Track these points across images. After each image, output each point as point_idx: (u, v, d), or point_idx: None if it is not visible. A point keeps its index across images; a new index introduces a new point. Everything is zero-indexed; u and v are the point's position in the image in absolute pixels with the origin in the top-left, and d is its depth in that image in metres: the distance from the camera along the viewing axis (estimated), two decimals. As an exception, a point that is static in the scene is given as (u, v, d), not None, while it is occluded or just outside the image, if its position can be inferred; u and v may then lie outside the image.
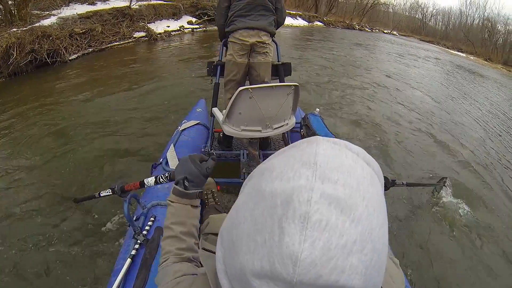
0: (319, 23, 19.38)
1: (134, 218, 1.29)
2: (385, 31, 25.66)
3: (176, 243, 0.62)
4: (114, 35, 6.37)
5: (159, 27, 7.97)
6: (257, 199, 0.28)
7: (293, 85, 1.54)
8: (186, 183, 0.65)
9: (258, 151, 1.89)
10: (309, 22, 18.32)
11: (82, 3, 6.68)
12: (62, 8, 6.05)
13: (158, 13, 8.51)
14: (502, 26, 24.83)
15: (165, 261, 0.59)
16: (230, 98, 1.79)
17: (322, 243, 0.24)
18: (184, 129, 2.06)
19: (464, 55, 20.49)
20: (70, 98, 3.50)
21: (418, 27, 32.35)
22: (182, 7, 9.59)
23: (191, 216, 0.66)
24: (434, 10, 33.05)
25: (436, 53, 15.10)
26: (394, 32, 26.31)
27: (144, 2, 8.06)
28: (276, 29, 2.10)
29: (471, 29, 26.85)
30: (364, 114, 4.02)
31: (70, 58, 4.88)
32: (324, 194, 0.25)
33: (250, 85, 1.98)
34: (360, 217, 0.25)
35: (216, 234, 0.54)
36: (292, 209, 0.25)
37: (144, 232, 1.19)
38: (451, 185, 2.40)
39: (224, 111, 1.66)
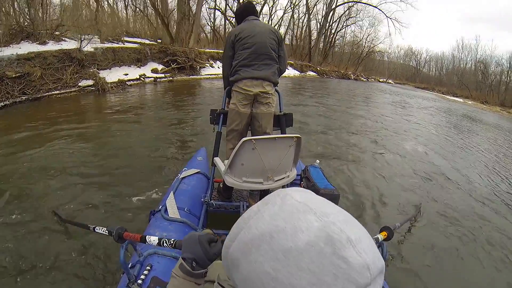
0: (312, 73, 20.61)
1: (130, 265, 1.27)
2: (380, 80, 27.51)
3: None
4: (55, 82, 5.68)
5: (114, 75, 7.04)
6: (294, 256, 0.33)
7: (295, 137, 1.61)
8: (194, 264, 0.72)
9: None
10: (301, 72, 19.43)
11: (33, 42, 6.17)
12: (10, 46, 5.61)
13: (117, 58, 7.57)
14: (495, 67, 26.71)
15: None
16: (232, 148, 1.86)
17: (365, 247, 0.34)
18: (184, 177, 2.12)
19: (461, 100, 21.75)
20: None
21: (413, 74, 34.94)
22: (149, 52, 8.80)
23: None
24: (427, 56, 36.19)
25: (434, 101, 15.80)
26: (390, 81, 28.25)
27: (104, 45, 7.39)
28: (278, 77, 2.21)
29: (464, 73, 28.81)
30: (363, 166, 4.15)
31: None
32: (340, 221, 0.35)
33: (251, 135, 2.09)
34: (362, 227, 0.37)
35: (212, 282, 0.62)
36: (338, 241, 0.33)
37: (139, 281, 1.17)
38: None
39: (226, 161, 1.71)
